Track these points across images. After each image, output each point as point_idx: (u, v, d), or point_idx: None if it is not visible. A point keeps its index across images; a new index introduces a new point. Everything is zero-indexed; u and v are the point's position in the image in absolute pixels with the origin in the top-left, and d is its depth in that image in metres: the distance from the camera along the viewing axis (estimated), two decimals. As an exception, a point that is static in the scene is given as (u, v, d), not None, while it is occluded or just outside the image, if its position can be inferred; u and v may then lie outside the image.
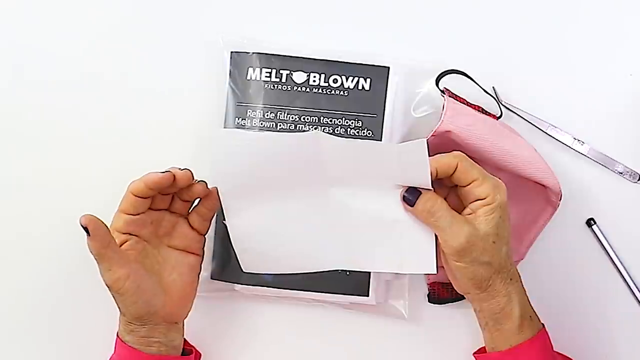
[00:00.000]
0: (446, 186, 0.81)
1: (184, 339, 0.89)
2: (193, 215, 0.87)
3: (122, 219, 0.82)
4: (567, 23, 0.97)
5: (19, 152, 0.98)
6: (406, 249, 0.82)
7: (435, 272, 0.81)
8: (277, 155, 0.80)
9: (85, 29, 0.98)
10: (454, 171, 0.78)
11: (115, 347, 0.85)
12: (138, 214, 0.83)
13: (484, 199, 0.78)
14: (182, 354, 0.88)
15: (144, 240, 0.85)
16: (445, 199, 0.80)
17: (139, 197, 0.81)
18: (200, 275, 0.90)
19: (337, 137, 0.82)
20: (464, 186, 0.78)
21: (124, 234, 0.83)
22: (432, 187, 0.79)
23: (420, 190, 0.79)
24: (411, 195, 0.79)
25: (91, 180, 0.97)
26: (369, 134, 0.92)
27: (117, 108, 0.97)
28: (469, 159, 0.79)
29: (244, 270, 0.85)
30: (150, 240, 0.85)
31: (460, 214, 0.79)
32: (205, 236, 0.89)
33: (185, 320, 0.88)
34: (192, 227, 0.87)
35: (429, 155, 0.77)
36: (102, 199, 0.93)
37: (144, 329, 0.83)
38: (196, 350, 0.91)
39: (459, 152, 0.79)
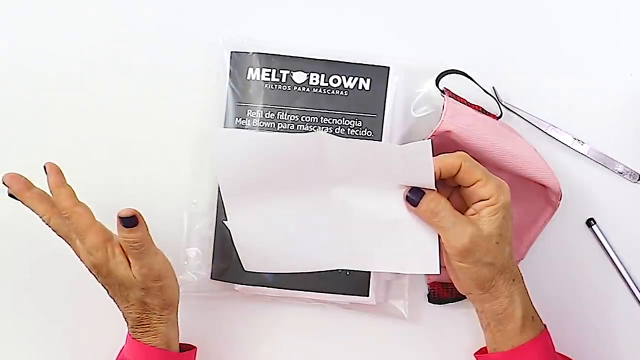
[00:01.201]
0: (449, 186, 0.81)
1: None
2: None
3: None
4: (567, 23, 0.97)
5: (18, 152, 0.98)
6: (409, 249, 0.82)
7: (439, 273, 0.81)
8: (279, 155, 0.79)
9: (85, 29, 0.98)
10: (458, 171, 0.77)
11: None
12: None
13: (488, 199, 0.77)
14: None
15: None
16: (448, 199, 0.80)
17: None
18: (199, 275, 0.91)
19: (339, 137, 0.82)
20: (468, 186, 0.78)
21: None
22: (436, 187, 0.79)
23: (424, 190, 0.79)
24: (414, 195, 0.79)
25: (91, 179, 0.96)
26: (369, 134, 0.92)
27: (117, 108, 0.97)
28: (473, 159, 0.79)
29: (245, 270, 0.85)
30: None
31: (463, 214, 0.79)
32: None
33: (184, 320, 0.88)
34: None
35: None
36: (102, 198, 0.93)
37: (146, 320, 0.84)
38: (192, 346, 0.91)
39: (463, 152, 0.79)
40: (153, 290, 0.83)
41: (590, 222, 0.95)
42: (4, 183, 0.84)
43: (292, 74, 0.93)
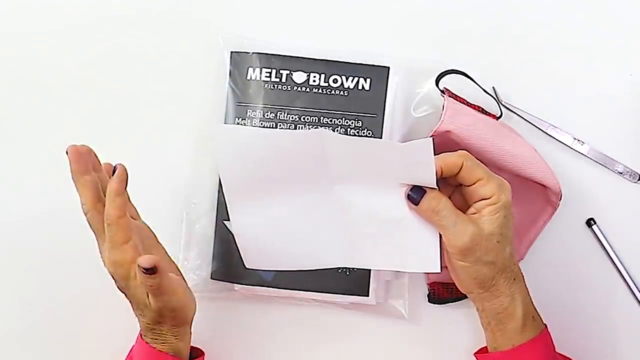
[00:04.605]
0: (451, 185, 0.81)
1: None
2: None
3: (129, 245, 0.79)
4: (566, 23, 0.97)
5: (19, 153, 0.98)
6: (410, 247, 0.82)
7: (439, 271, 0.81)
8: (281, 152, 0.79)
9: (86, 29, 0.98)
10: (459, 170, 0.78)
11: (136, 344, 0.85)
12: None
13: (489, 198, 0.77)
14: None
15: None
16: (449, 197, 0.80)
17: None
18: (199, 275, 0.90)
19: (341, 135, 0.82)
20: (469, 185, 0.78)
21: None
22: (437, 186, 0.79)
23: (425, 189, 0.79)
24: (416, 194, 0.79)
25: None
26: (369, 134, 0.92)
27: (117, 108, 0.97)
28: (474, 158, 0.79)
29: (246, 267, 0.85)
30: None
31: (464, 213, 0.79)
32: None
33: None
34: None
35: (432, 155, 0.77)
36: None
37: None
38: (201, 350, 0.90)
39: (464, 151, 0.79)
40: (167, 317, 0.81)
41: (590, 222, 0.95)
42: (66, 153, 0.78)
43: (292, 74, 0.93)
